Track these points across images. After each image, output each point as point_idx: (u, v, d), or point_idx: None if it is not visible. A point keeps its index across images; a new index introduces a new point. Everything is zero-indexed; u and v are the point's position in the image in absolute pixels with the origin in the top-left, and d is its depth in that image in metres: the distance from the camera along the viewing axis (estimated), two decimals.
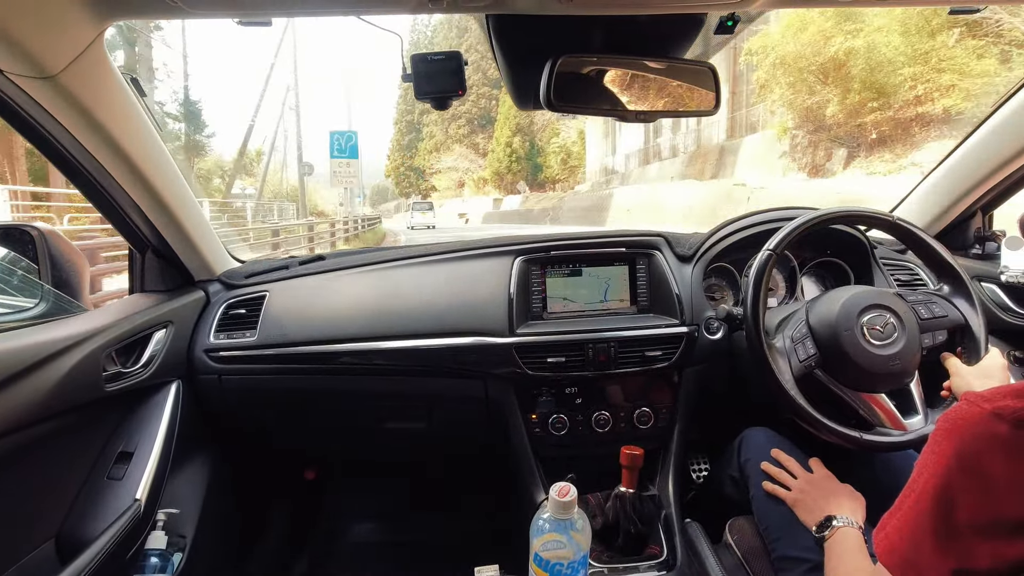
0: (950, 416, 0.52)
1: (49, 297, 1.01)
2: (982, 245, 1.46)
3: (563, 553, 0.81)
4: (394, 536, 1.76)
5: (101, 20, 0.81)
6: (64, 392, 0.92)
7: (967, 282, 1.06)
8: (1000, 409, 0.48)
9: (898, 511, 0.55)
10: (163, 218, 1.18)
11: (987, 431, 0.48)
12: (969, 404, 0.51)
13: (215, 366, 1.28)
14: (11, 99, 0.85)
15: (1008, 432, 0.47)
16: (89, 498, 1.01)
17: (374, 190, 73.54)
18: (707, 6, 0.85)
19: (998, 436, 0.47)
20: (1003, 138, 1.28)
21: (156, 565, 1.11)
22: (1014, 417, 0.47)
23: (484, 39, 0.95)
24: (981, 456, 0.48)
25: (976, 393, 0.51)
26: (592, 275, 1.34)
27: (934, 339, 1.03)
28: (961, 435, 0.50)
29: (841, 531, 0.83)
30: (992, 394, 0.50)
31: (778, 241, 1.05)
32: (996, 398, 0.49)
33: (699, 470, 1.60)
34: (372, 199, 66.25)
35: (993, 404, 0.49)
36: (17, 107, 0.87)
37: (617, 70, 0.96)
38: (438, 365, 1.26)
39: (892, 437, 0.94)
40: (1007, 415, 0.47)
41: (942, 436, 0.52)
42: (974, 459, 0.49)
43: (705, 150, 19.05)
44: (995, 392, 0.50)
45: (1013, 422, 0.47)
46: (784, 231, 1.06)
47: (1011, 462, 0.47)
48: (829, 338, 1.00)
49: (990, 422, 0.48)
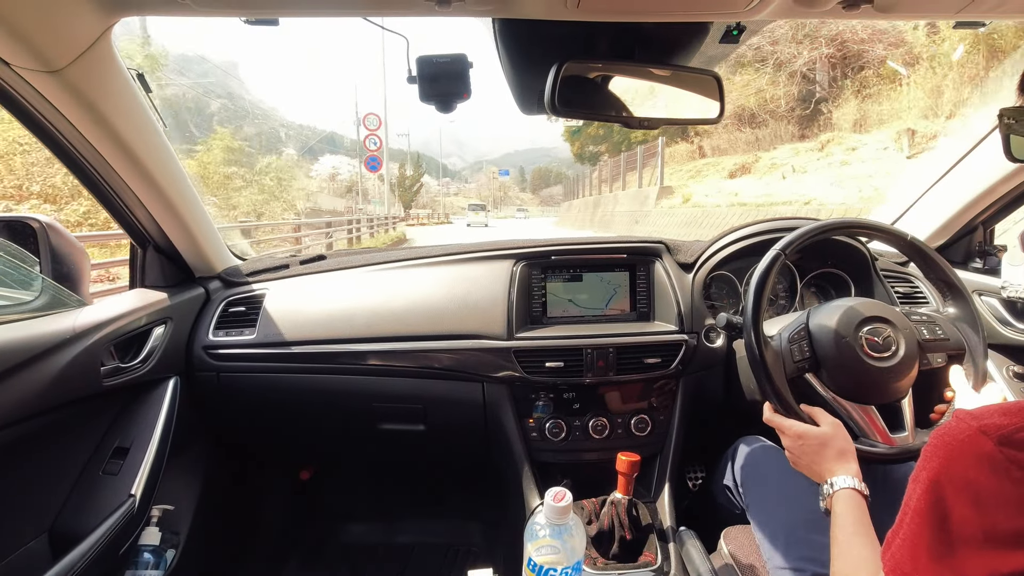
0: (940, 432, 0.53)
1: (49, 290, 1.01)
2: (983, 259, 1.46)
3: (557, 558, 0.81)
4: (388, 537, 1.75)
5: (108, 15, 0.82)
6: (62, 386, 0.92)
7: (975, 310, 1.05)
8: (986, 427, 0.49)
9: (900, 528, 0.56)
10: (165, 214, 1.18)
11: (974, 448, 0.50)
12: (958, 421, 0.52)
13: (213, 363, 1.28)
14: (17, 92, 0.85)
15: (993, 449, 0.48)
16: (84, 493, 1.01)
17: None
18: (713, 15, 0.85)
19: (984, 453, 0.49)
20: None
21: (149, 561, 1.11)
22: (999, 434, 0.49)
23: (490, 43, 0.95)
24: (969, 472, 0.50)
25: (965, 411, 0.53)
26: (593, 281, 1.34)
27: (933, 361, 1.03)
28: (949, 451, 0.51)
29: (835, 497, 0.80)
30: (981, 412, 0.52)
31: (788, 242, 1.04)
32: (984, 416, 0.51)
33: (695, 478, 1.60)
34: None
35: (980, 422, 0.50)
36: (23, 100, 0.87)
37: (622, 76, 0.96)
38: (436, 367, 1.26)
39: (878, 448, 0.93)
40: (992, 432, 0.49)
41: (932, 452, 0.53)
42: (963, 475, 0.50)
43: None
44: (984, 410, 0.52)
45: (998, 439, 0.48)
46: (795, 235, 1.04)
47: (998, 478, 0.48)
48: (826, 343, 0.99)
49: (977, 439, 0.49)
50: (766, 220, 1.38)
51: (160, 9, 0.84)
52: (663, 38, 0.95)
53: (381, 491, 1.83)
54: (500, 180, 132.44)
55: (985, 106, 1.41)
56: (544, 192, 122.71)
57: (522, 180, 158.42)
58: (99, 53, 0.86)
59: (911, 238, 1.07)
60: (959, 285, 1.07)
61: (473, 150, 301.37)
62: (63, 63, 0.82)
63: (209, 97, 32.12)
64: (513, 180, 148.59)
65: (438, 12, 0.80)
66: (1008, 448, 0.48)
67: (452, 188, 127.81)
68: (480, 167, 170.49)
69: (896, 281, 1.39)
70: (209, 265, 1.38)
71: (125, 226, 1.19)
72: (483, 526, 1.74)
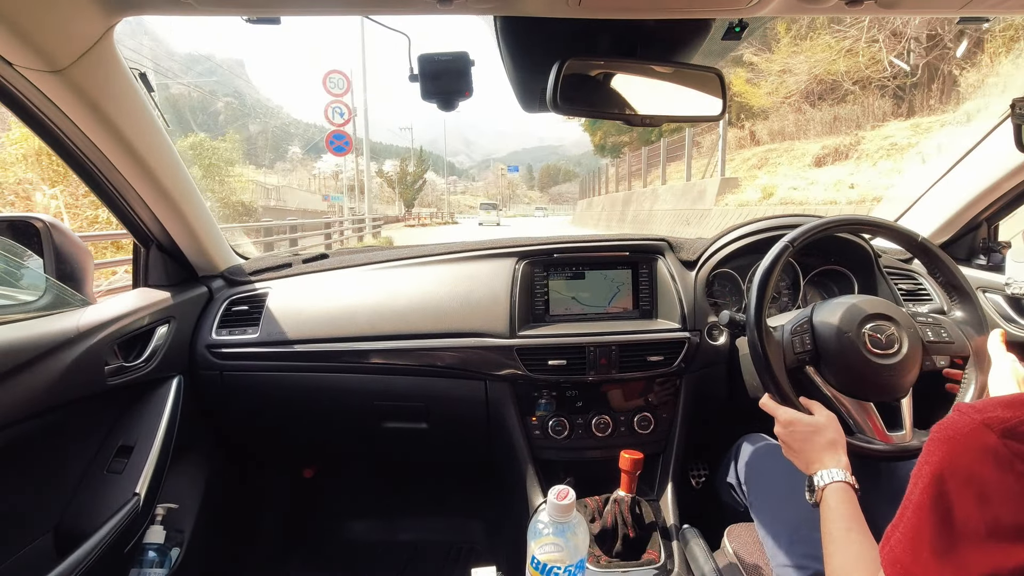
0: (942, 426, 0.53)
1: (53, 289, 1.01)
2: (987, 256, 1.45)
3: (560, 556, 0.81)
4: (391, 536, 1.75)
5: (111, 15, 0.82)
6: (67, 384, 0.92)
7: (982, 315, 1.04)
8: (989, 420, 0.49)
9: (900, 523, 0.55)
10: (168, 213, 1.18)
11: (977, 441, 0.49)
12: (960, 414, 0.52)
13: (216, 362, 1.28)
14: (20, 92, 0.86)
15: (996, 443, 0.48)
16: (88, 491, 1.01)
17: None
18: (715, 11, 0.85)
19: (987, 446, 0.48)
20: (1010, 149, 1.28)
21: (154, 559, 1.12)
22: (1003, 427, 0.48)
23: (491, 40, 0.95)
24: (972, 466, 0.49)
25: (967, 404, 0.52)
26: (595, 278, 1.34)
27: (935, 364, 1.02)
28: (952, 445, 0.51)
29: (826, 492, 0.79)
30: (984, 405, 0.51)
31: (796, 235, 1.03)
32: (987, 409, 0.50)
33: (698, 476, 1.60)
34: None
35: (983, 415, 0.50)
36: (26, 100, 0.87)
37: (623, 74, 0.96)
38: (439, 365, 1.26)
39: (873, 445, 0.93)
40: (995, 426, 0.49)
41: (935, 446, 0.53)
42: (966, 469, 0.50)
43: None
44: (987, 403, 0.51)
45: (1001, 432, 0.48)
46: (804, 228, 1.04)
47: (1002, 471, 0.47)
48: (828, 338, 0.99)
49: (980, 432, 0.49)
50: (769, 218, 1.38)
51: (162, 9, 0.84)
52: (665, 35, 0.94)
53: (384, 489, 1.84)
54: (508, 177, 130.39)
55: (989, 99, 1.40)
56: (553, 190, 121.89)
57: (530, 178, 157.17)
58: (101, 53, 0.86)
59: (922, 239, 1.06)
60: (968, 289, 1.06)
61: (480, 148, 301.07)
62: (66, 63, 0.82)
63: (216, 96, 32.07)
64: (521, 178, 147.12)
65: (440, 10, 0.80)
66: (1012, 441, 0.47)
67: (459, 186, 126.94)
68: (488, 165, 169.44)
69: (899, 278, 1.39)
70: (212, 264, 1.38)
71: (128, 225, 1.20)
72: (486, 524, 1.74)
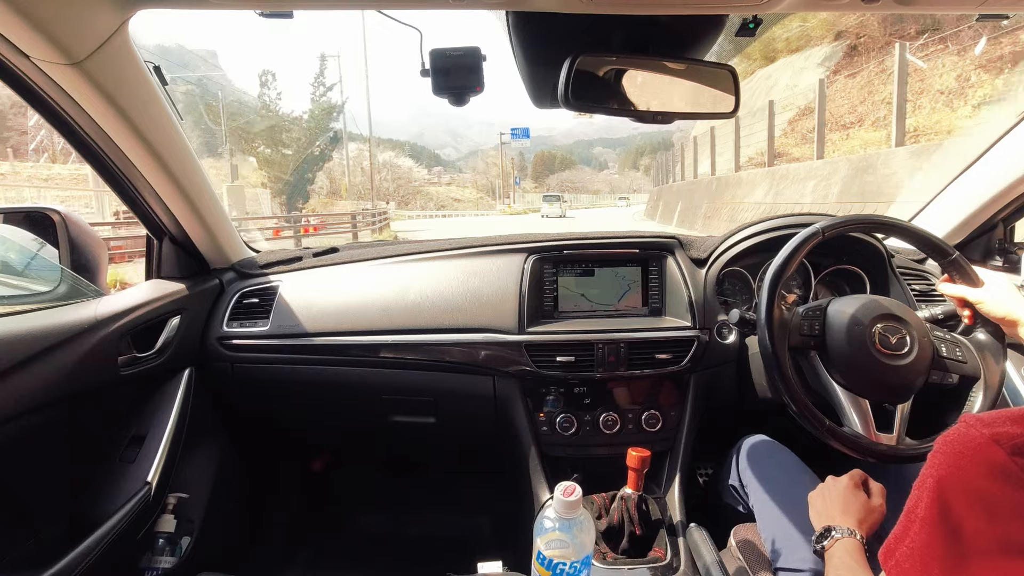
0: (949, 438, 0.52)
1: (69, 280, 1.03)
2: (1003, 257, 1.44)
3: (566, 553, 0.81)
4: (398, 529, 1.77)
5: (126, 8, 0.82)
6: (82, 373, 0.93)
7: (1004, 344, 1.01)
8: (998, 436, 0.48)
9: (905, 537, 0.55)
10: (181, 206, 1.19)
11: (985, 457, 0.48)
12: (968, 427, 0.50)
13: (227, 354, 1.29)
14: (36, 84, 0.87)
15: (1006, 460, 0.47)
16: (101, 479, 1.03)
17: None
18: (729, 7, 0.84)
19: (996, 463, 0.47)
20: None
21: (165, 548, 1.13)
22: (1012, 444, 0.47)
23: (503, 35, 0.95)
24: (980, 482, 0.48)
25: (975, 416, 0.51)
26: (605, 276, 1.34)
27: (943, 379, 1.00)
28: (959, 459, 0.50)
29: (840, 543, 0.82)
30: (992, 418, 0.50)
31: (830, 224, 1.01)
32: (996, 423, 0.49)
33: (705, 475, 1.59)
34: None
35: (992, 429, 0.49)
36: (42, 92, 0.88)
37: (636, 70, 0.95)
38: (447, 360, 1.26)
39: (860, 441, 0.92)
40: (1005, 442, 0.47)
41: (940, 458, 0.52)
42: (974, 484, 0.48)
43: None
44: (995, 417, 0.50)
45: (1011, 448, 0.47)
46: (837, 219, 1.03)
47: (1011, 488, 0.46)
48: (838, 327, 0.99)
49: (989, 448, 0.48)
50: (779, 216, 1.37)
51: (177, 2, 0.84)
52: (678, 31, 0.94)
53: (391, 483, 1.85)
54: (507, 157, 78.14)
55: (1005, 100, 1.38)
56: (551, 179, 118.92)
57: (523, 167, 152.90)
58: (117, 46, 0.87)
59: (957, 256, 1.02)
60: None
61: (468, 140, 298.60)
62: (82, 55, 0.83)
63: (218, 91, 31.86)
64: (512, 167, 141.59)
65: (453, 5, 0.80)
66: (1021, 458, 0.46)
67: (445, 178, 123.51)
68: (476, 155, 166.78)
69: (912, 278, 1.37)
70: (224, 257, 1.39)
71: (141, 217, 1.21)
72: (492, 519, 1.74)
